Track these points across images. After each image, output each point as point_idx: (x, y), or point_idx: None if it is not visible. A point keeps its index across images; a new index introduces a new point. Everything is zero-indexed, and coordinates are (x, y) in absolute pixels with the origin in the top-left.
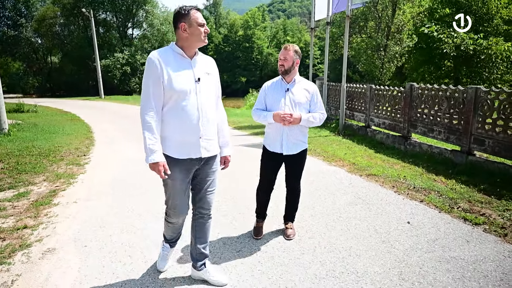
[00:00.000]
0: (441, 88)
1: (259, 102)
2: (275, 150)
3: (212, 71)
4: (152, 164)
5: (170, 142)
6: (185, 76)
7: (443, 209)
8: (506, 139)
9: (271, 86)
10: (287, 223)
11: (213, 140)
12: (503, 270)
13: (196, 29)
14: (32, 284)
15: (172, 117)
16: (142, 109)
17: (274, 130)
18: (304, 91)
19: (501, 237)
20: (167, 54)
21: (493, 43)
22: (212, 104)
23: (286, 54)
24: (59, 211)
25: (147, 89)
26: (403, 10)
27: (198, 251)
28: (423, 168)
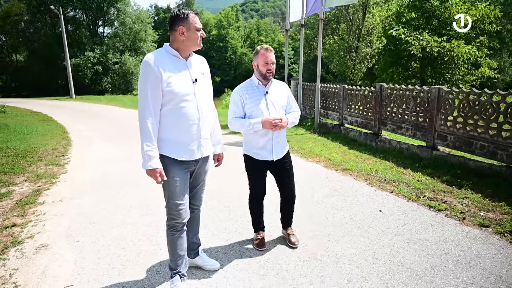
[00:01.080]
0: (408, 88)
1: (236, 109)
2: (264, 158)
3: (205, 71)
4: (149, 170)
5: (171, 143)
6: (183, 78)
7: (410, 198)
8: (465, 134)
9: (247, 91)
10: (288, 229)
11: (209, 140)
12: (462, 248)
13: (193, 33)
14: (30, 277)
15: (172, 119)
16: (140, 114)
17: (261, 138)
18: (281, 92)
19: (460, 220)
20: (162, 56)
21: (455, 46)
22: (208, 104)
23: (273, 56)
24: (46, 209)
25: (145, 93)
26: (372, 14)
27: (191, 240)
28: (393, 162)
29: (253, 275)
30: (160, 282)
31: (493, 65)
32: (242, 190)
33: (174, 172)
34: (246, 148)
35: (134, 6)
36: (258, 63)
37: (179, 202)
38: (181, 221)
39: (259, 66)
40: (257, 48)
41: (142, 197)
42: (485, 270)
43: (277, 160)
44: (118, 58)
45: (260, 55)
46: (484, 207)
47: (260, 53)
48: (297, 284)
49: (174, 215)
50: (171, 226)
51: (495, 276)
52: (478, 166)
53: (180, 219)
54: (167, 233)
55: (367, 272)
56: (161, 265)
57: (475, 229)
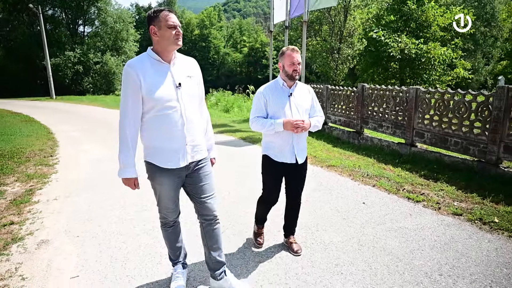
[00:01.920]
0: (388, 88)
1: (259, 109)
2: (285, 161)
3: (193, 73)
4: (125, 179)
5: (155, 151)
6: (165, 83)
7: (391, 191)
8: (440, 131)
9: (271, 91)
10: (290, 237)
11: (200, 145)
12: (437, 234)
13: (166, 32)
14: (35, 270)
15: (155, 126)
16: (120, 122)
17: (282, 139)
18: (305, 95)
19: (436, 210)
20: (143, 62)
21: (431, 48)
22: (195, 108)
23: (299, 57)
24: (42, 207)
25: (125, 101)
26: (353, 16)
27: (214, 259)
28: (375, 159)
29: (249, 262)
30: (162, 272)
31: (467, 66)
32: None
33: (160, 180)
34: (265, 148)
35: (115, 5)
36: (284, 64)
37: (167, 206)
38: (172, 219)
39: (285, 66)
40: (283, 49)
41: (136, 195)
42: (457, 252)
43: (298, 164)
44: (99, 58)
45: (287, 55)
46: (457, 198)
47: (287, 54)
48: (290, 269)
49: (164, 215)
50: (163, 223)
51: (466, 257)
52: (452, 161)
53: (169, 219)
54: (161, 229)
55: (352, 257)
56: (161, 255)
57: (449, 217)
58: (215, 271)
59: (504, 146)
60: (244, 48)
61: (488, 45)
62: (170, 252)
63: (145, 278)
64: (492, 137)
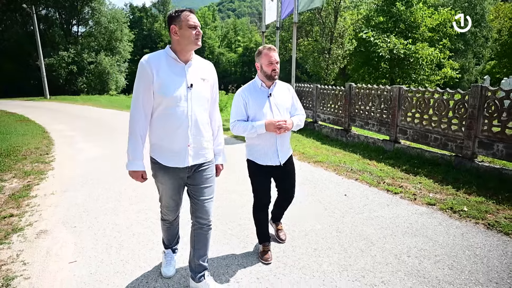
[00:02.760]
0: (374, 88)
1: (239, 112)
2: (270, 163)
3: (208, 76)
4: (132, 172)
5: (158, 148)
6: (177, 82)
7: (372, 184)
8: (422, 129)
9: (249, 93)
10: (278, 224)
11: (204, 148)
12: (410, 221)
13: (186, 31)
14: (36, 256)
15: (160, 124)
16: (131, 115)
17: (265, 141)
18: (285, 94)
19: (412, 200)
20: (160, 59)
21: (419, 48)
22: (204, 111)
23: (277, 55)
24: (40, 201)
25: (137, 95)
26: (344, 17)
27: (197, 263)
28: (360, 155)
29: (236, 248)
30: (154, 257)
31: (455, 66)
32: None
33: (162, 177)
34: (249, 152)
35: (109, 5)
36: (261, 64)
37: (168, 204)
38: (171, 218)
39: (263, 66)
40: (259, 49)
41: (130, 189)
42: (426, 237)
43: (283, 164)
44: (93, 58)
45: (264, 55)
46: (433, 190)
47: (264, 53)
48: (273, 253)
49: (164, 213)
50: (162, 218)
51: (433, 241)
52: (432, 156)
53: (170, 218)
54: (160, 221)
55: (330, 242)
56: (154, 243)
57: (423, 207)
58: (195, 273)
59: (479, 142)
60: (238, 48)
61: (479, 45)
62: (165, 239)
63: (138, 262)
64: (468, 133)
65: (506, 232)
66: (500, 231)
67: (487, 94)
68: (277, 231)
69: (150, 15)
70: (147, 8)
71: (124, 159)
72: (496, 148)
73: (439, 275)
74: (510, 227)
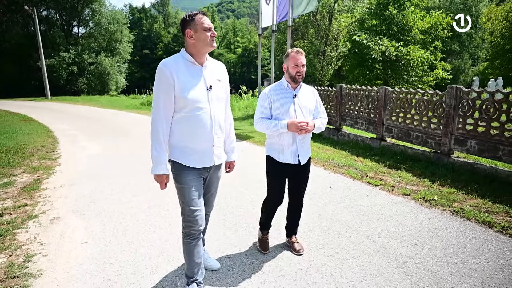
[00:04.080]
0: (362, 89)
1: (263, 110)
2: (288, 161)
3: (222, 77)
4: (157, 176)
5: (183, 150)
6: (197, 85)
7: (355, 178)
8: (405, 127)
9: (275, 92)
10: (292, 237)
11: (222, 147)
12: (385, 209)
13: (202, 34)
14: (51, 238)
15: (185, 126)
16: (152, 119)
17: (286, 140)
18: (309, 97)
19: (390, 192)
20: (177, 63)
21: (411, 50)
22: (222, 111)
23: (303, 59)
24: (50, 193)
25: (158, 100)
26: (338, 20)
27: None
28: (349, 152)
29: (228, 234)
30: (155, 238)
31: (447, 67)
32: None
33: (187, 178)
34: (268, 149)
35: (109, 6)
36: (288, 65)
37: (194, 208)
38: (198, 228)
39: (289, 68)
40: (287, 51)
41: (133, 182)
42: (397, 222)
43: (298, 165)
44: (93, 58)
45: (291, 57)
46: (410, 183)
47: (291, 56)
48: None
49: (191, 222)
50: (187, 234)
51: (403, 225)
52: (414, 153)
53: (196, 226)
54: (183, 242)
55: (312, 226)
56: (156, 227)
57: (399, 197)
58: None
59: (455, 139)
60: (237, 49)
61: (474, 46)
62: (188, 269)
63: (141, 242)
64: (445, 131)
65: (467, 217)
66: (463, 217)
67: (461, 95)
68: (292, 244)
69: (150, 16)
70: (147, 9)
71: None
72: (470, 145)
73: (402, 252)
74: (472, 213)
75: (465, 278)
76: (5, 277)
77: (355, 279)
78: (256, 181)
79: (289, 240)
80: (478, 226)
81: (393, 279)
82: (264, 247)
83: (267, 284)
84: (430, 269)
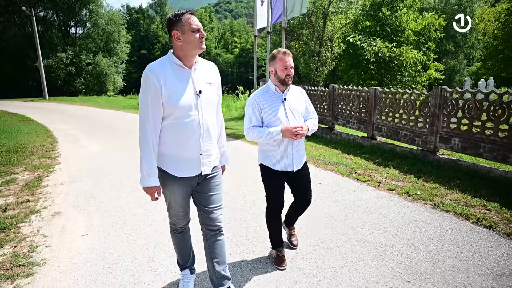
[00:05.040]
0: (353, 89)
1: (254, 118)
2: (284, 169)
3: (213, 79)
4: (146, 188)
5: (168, 158)
6: (186, 90)
7: (344, 174)
8: (394, 126)
9: (264, 98)
10: (291, 228)
11: (213, 154)
12: (370, 203)
13: (190, 36)
14: (53, 231)
15: (171, 134)
16: (140, 128)
17: (281, 147)
18: (299, 98)
19: (376, 187)
20: (164, 67)
21: (403, 51)
22: (213, 117)
23: (291, 60)
24: (51, 190)
25: (145, 107)
26: (332, 21)
27: (218, 275)
28: (340, 150)
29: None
30: (152, 231)
31: (439, 67)
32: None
33: (172, 187)
34: (262, 157)
35: (107, 7)
36: (276, 68)
37: (177, 213)
38: (182, 225)
39: (277, 71)
40: (273, 53)
41: (131, 180)
42: (381, 215)
43: (296, 170)
44: (91, 59)
45: (278, 59)
46: (397, 179)
47: (278, 58)
48: (249, 226)
49: (174, 222)
50: (172, 228)
51: (385, 217)
52: (402, 151)
53: (179, 225)
54: (171, 234)
55: (299, 218)
56: (152, 220)
57: (384, 192)
58: (218, 286)
59: (440, 137)
60: (235, 49)
61: (469, 46)
62: (179, 257)
63: (139, 235)
64: (431, 129)
65: (447, 210)
66: (442, 210)
67: (446, 95)
68: (290, 235)
69: (147, 16)
70: (144, 9)
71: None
72: (453, 142)
73: (383, 241)
74: (451, 206)
75: (438, 264)
76: (11, 265)
77: (337, 265)
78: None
79: (287, 230)
80: (455, 218)
81: (372, 265)
82: (281, 263)
83: (255, 271)
84: (406, 256)
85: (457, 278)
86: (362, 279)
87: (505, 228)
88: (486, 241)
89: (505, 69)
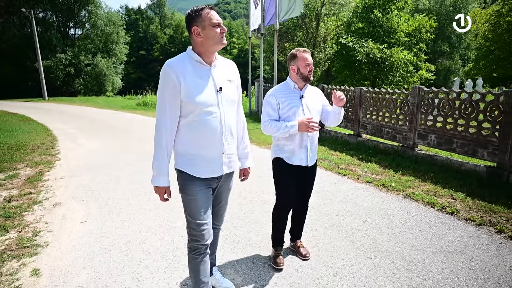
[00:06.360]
0: (341, 88)
1: (272, 112)
2: (299, 163)
3: (233, 77)
4: (157, 187)
5: (190, 159)
6: (206, 87)
7: (328, 169)
8: (378, 124)
9: (282, 93)
10: (297, 242)
11: (234, 155)
12: (348, 194)
13: (211, 31)
14: (54, 219)
15: (192, 132)
16: (157, 126)
17: (296, 141)
18: (316, 96)
19: (355, 180)
20: (184, 63)
21: (394, 52)
22: (234, 115)
23: (310, 57)
24: (52, 183)
25: (163, 104)
26: (325, 23)
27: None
28: (327, 147)
29: None
30: (146, 218)
31: (431, 68)
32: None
33: (194, 190)
34: (276, 151)
35: (106, 8)
36: (298, 66)
37: (201, 222)
38: (204, 242)
39: (300, 68)
40: (292, 52)
41: (127, 174)
42: (355, 204)
43: (306, 167)
44: (90, 60)
45: (300, 57)
46: (376, 172)
47: (300, 56)
48: (239, 219)
49: (197, 236)
50: (193, 248)
51: (359, 206)
52: (385, 147)
53: (203, 241)
54: (189, 257)
55: None
56: (146, 209)
57: (362, 184)
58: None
59: (418, 134)
60: (233, 50)
61: (464, 47)
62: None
63: (133, 221)
64: (410, 126)
65: (416, 199)
66: (413, 199)
67: (423, 94)
68: (297, 248)
69: (146, 17)
70: (143, 10)
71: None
72: (430, 138)
73: (353, 226)
74: (421, 196)
75: (398, 244)
76: (17, 247)
77: (309, 245)
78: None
79: (293, 244)
80: (423, 206)
81: (340, 245)
82: (279, 263)
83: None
84: (372, 238)
85: (414, 255)
86: (329, 257)
87: (466, 214)
88: (446, 225)
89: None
